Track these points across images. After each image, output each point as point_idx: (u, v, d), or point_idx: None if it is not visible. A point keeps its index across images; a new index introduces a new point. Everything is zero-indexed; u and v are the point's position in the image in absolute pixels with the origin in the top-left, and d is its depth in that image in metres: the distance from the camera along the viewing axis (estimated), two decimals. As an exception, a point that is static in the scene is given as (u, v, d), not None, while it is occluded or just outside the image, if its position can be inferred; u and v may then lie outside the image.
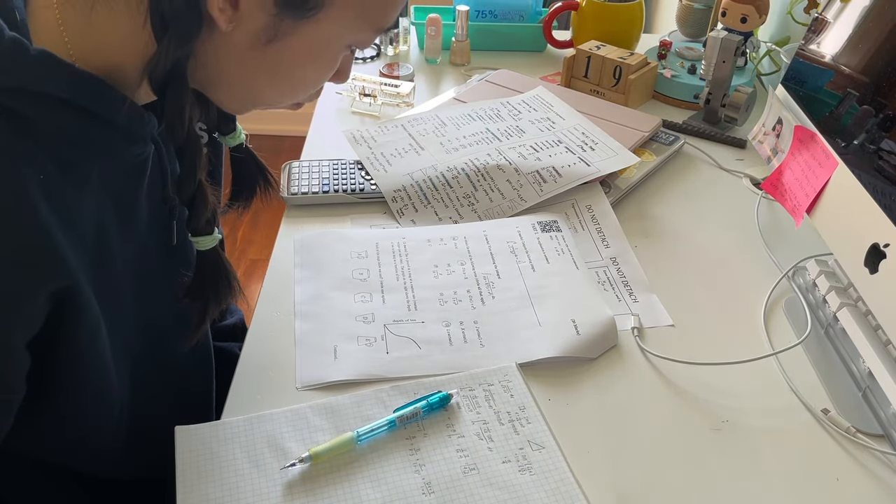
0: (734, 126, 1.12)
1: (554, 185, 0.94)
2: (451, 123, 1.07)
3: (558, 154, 0.98)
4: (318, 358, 0.72)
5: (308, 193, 0.94)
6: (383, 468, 0.62)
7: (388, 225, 0.91)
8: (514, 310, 0.78)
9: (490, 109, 1.10)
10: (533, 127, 1.05)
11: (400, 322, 0.76)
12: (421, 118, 1.09)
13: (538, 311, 0.78)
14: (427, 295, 0.80)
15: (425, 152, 1.01)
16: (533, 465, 0.63)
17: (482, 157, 0.98)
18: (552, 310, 0.78)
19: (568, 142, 1.01)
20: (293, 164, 0.99)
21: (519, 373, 0.71)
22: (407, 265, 0.84)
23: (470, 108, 1.11)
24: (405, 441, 0.64)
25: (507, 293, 0.80)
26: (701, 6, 1.35)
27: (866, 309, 0.73)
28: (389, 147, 1.03)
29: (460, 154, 1.00)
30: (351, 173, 0.98)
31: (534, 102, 1.11)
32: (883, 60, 0.74)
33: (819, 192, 0.78)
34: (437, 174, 0.96)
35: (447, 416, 0.67)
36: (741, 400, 0.71)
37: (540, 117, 1.07)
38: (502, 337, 0.75)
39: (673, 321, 0.79)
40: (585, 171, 0.95)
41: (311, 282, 0.81)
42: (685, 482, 0.63)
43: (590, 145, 1.00)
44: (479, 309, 0.78)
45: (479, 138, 1.03)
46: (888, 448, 0.66)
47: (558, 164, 0.96)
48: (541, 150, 0.99)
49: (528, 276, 0.83)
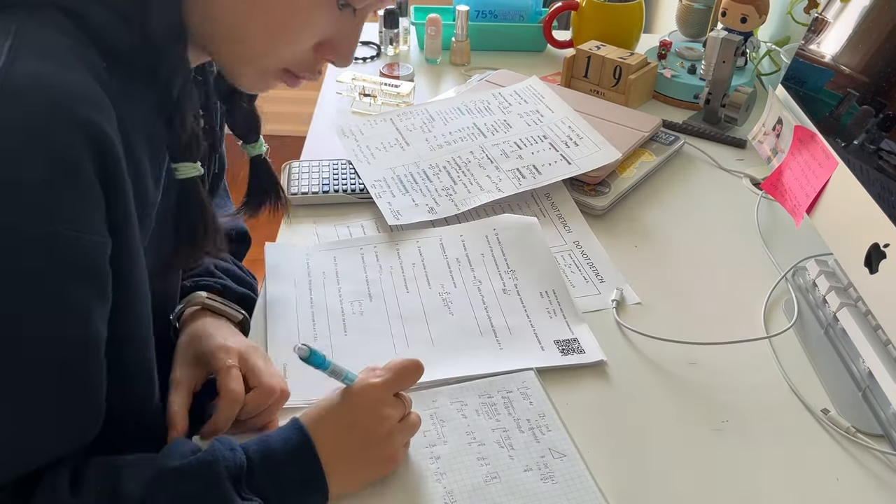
0: (734, 126, 1.12)
1: (532, 181, 0.94)
2: (438, 118, 1.08)
3: (541, 151, 0.99)
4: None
5: (308, 193, 0.94)
6: (405, 479, 0.62)
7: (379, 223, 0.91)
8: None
9: (480, 102, 1.11)
10: (521, 121, 1.05)
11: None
12: (410, 112, 1.10)
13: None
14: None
15: (410, 148, 1.02)
16: (555, 473, 0.62)
17: (465, 154, 0.99)
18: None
19: (553, 137, 1.01)
20: (293, 164, 0.99)
21: (537, 379, 0.71)
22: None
23: (460, 100, 1.12)
24: (425, 449, 0.64)
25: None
26: (701, 6, 1.35)
27: (866, 309, 0.73)
28: (376, 140, 1.04)
29: (444, 151, 1.01)
30: (351, 173, 0.98)
31: (525, 93, 1.12)
32: (883, 60, 0.74)
33: (819, 192, 0.78)
34: (418, 170, 0.97)
35: (467, 424, 0.67)
36: (741, 400, 0.71)
37: (529, 110, 1.08)
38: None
39: (672, 321, 0.79)
40: (565, 170, 0.96)
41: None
42: (685, 482, 0.63)
43: (574, 140, 1.00)
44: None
45: (465, 134, 1.04)
46: (888, 448, 0.66)
47: (539, 162, 0.97)
48: (524, 146, 1.00)
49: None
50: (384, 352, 0.74)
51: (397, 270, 0.84)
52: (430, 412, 0.67)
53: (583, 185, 0.97)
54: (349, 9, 0.58)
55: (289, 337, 0.76)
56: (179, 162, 0.59)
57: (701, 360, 0.74)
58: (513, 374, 0.71)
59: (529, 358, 0.73)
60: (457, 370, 0.72)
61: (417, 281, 0.83)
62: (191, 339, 0.70)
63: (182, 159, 0.59)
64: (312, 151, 1.06)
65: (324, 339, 0.76)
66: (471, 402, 0.68)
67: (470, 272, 0.84)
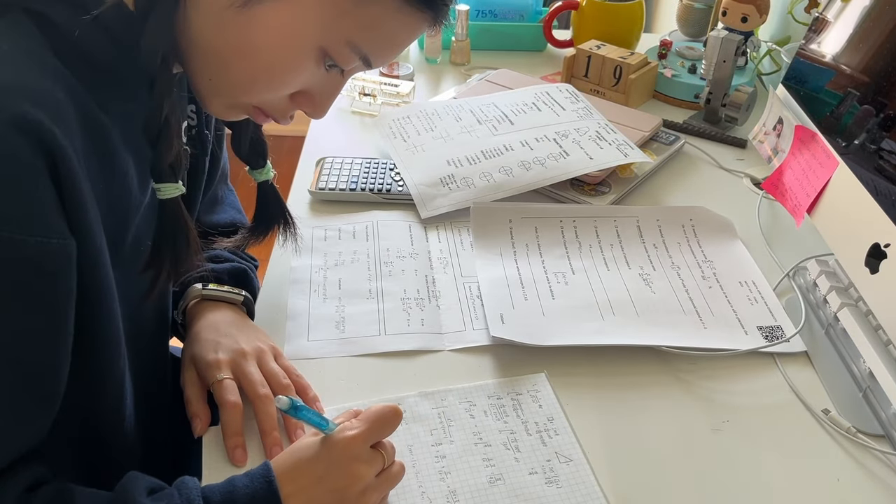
0: (735, 126, 1.12)
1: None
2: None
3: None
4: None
5: (335, 189, 0.95)
6: (408, 475, 0.62)
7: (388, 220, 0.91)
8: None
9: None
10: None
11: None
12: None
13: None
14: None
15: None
16: (560, 477, 0.62)
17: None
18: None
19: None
20: (327, 159, 1.00)
21: (548, 382, 0.71)
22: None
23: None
24: (431, 448, 0.64)
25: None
26: (701, 6, 1.35)
27: (867, 309, 0.73)
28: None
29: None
30: (381, 173, 0.98)
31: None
32: (883, 60, 0.74)
33: (819, 192, 0.78)
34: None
35: (474, 424, 0.67)
36: (741, 400, 0.70)
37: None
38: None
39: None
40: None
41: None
42: (685, 482, 0.63)
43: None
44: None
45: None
46: (888, 448, 0.65)
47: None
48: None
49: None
50: (592, 317, 0.77)
51: (596, 249, 0.87)
52: (438, 410, 0.67)
53: (583, 185, 0.97)
54: (336, 69, 0.58)
55: (501, 296, 0.79)
56: (162, 182, 0.58)
57: (701, 359, 0.74)
58: (524, 377, 0.71)
59: (735, 340, 0.75)
60: (664, 340, 0.74)
61: (617, 262, 0.86)
62: (192, 343, 0.71)
63: (165, 180, 0.57)
64: (312, 151, 1.05)
65: (533, 300, 0.79)
66: (479, 403, 0.68)
67: (668, 258, 0.87)
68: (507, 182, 0.94)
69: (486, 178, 0.95)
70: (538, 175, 0.94)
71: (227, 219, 0.84)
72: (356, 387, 0.70)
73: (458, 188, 0.94)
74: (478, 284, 0.82)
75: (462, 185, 0.94)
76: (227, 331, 0.71)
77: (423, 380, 0.71)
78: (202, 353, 0.69)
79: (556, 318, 0.77)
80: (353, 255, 0.86)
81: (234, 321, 0.73)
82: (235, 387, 0.66)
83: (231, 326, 0.72)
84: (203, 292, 0.75)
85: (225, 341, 0.70)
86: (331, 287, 0.81)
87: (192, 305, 0.75)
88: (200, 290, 0.75)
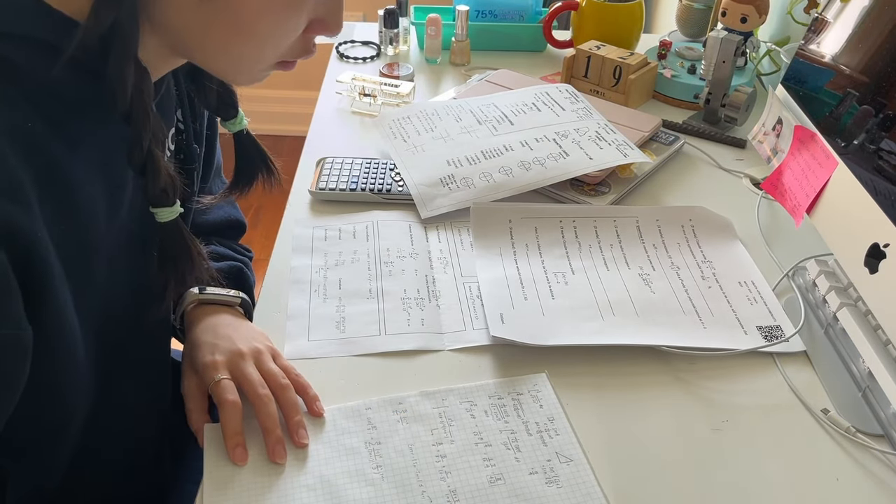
0: (734, 126, 1.12)
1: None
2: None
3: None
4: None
5: (336, 189, 0.95)
6: (409, 474, 0.62)
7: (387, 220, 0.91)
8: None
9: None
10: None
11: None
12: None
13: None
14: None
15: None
16: (560, 477, 0.62)
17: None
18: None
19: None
20: (327, 159, 1.00)
21: (549, 382, 0.71)
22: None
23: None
24: (432, 447, 0.64)
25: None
26: (701, 6, 1.35)
27: (866, 309, 0.73)
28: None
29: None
30: (381, 173, 0.98)
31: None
32: (883, 60, 0.74)
33: (819, 192, 0.78)
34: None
35: (475, 424, 0.67)
36: (741, 400, 0.71)
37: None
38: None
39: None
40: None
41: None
42: (685, 482, 0.63)
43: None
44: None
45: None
46: (888, 448, 0.66)
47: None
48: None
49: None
50: (592, 317, 0.78)
51: (596, 249, 0.88)
52: (439, 410, 0.68)
53: (583, 185, 0.97)
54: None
55: (501, 296, 0.80)
56: (157, 208, 0.57)
57: (701, 359, 0.74)
58: (525, 377, 0.71)
59: (734, 340, 0.76)
60: (664, 340, 0.75)
61: (616, 262, 0.86)
62: (191, 348, 0.71)
63: (160, 204, 0.57)
64: (312, 151, 1.06)
65: (533, 300, 0.79)
66: (480, 403, 0.68)
67: (667, 258, 0.87)
68: (507, 182, 0.94)
69: (486, 178, 0.95)
70: (538, 175, 0.94)
71: (221, 216, 0.84)
72: (356, 387, 0.70)
73: (458, 188, 0.94)
74: (478, 284, 0.82)
75: (462, 185, 0.94)
76: (224, 333, 0.71)
77: (423, 380, 0.71)
78: (200, 357, 0.69)
79: (556, 318, 0.77)
80: (353, 255, 0.86)
81: (231, 323, 0.73)
82: (234, 386, 0.66)
83: (228, 328, 0.72)
84: (200, 297, 0.75)
85: (222, 343, 0.70)
86: (331, 287, 0.82)
87: (190, 310, 0.75)
88: (197, 294, 0.75)
